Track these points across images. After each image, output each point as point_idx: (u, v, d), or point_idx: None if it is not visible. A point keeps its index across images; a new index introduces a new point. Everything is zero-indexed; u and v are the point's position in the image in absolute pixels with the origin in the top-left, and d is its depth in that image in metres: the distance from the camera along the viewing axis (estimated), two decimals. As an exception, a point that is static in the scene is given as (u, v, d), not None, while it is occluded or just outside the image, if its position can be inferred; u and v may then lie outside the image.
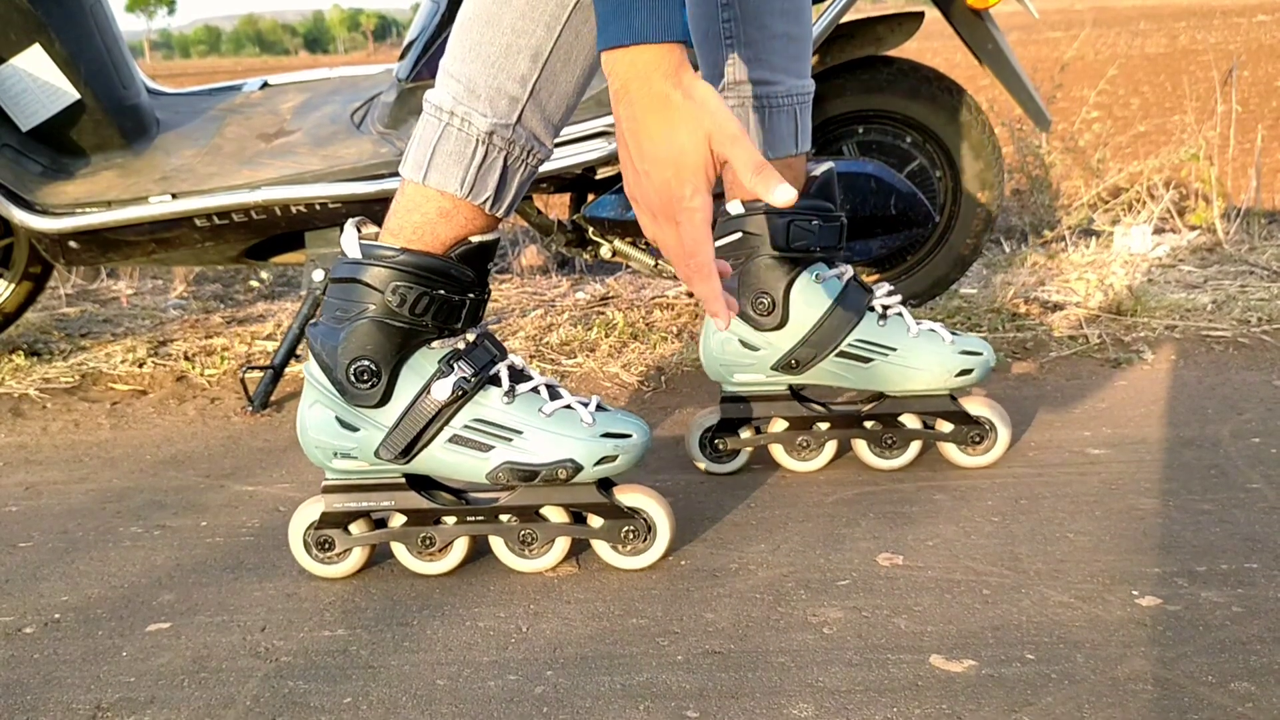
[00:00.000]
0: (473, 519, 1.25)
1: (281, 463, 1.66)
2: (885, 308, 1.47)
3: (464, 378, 1.19)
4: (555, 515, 1.25)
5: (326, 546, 1.27)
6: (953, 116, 2.02)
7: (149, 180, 1.97)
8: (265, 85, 2.33)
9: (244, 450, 1.73)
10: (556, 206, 3.23)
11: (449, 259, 1.17)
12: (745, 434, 1.51)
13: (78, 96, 2.00)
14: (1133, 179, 3.13)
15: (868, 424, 1.49)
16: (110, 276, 2.92)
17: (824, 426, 1.49)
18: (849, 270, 1.48)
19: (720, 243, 1.45)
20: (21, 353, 2.19)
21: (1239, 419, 1.63)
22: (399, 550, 1.28)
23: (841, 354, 1.45)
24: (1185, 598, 1.13)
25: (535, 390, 1.23)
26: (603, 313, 2.35)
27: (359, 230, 1.20)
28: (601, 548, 1.27)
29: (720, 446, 1.51)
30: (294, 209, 1.91)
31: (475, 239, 1.18)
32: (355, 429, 1.21)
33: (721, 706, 1.00)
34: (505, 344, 2.16)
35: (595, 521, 1.25)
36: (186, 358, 2.18)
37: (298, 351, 2.02)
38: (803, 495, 1.44)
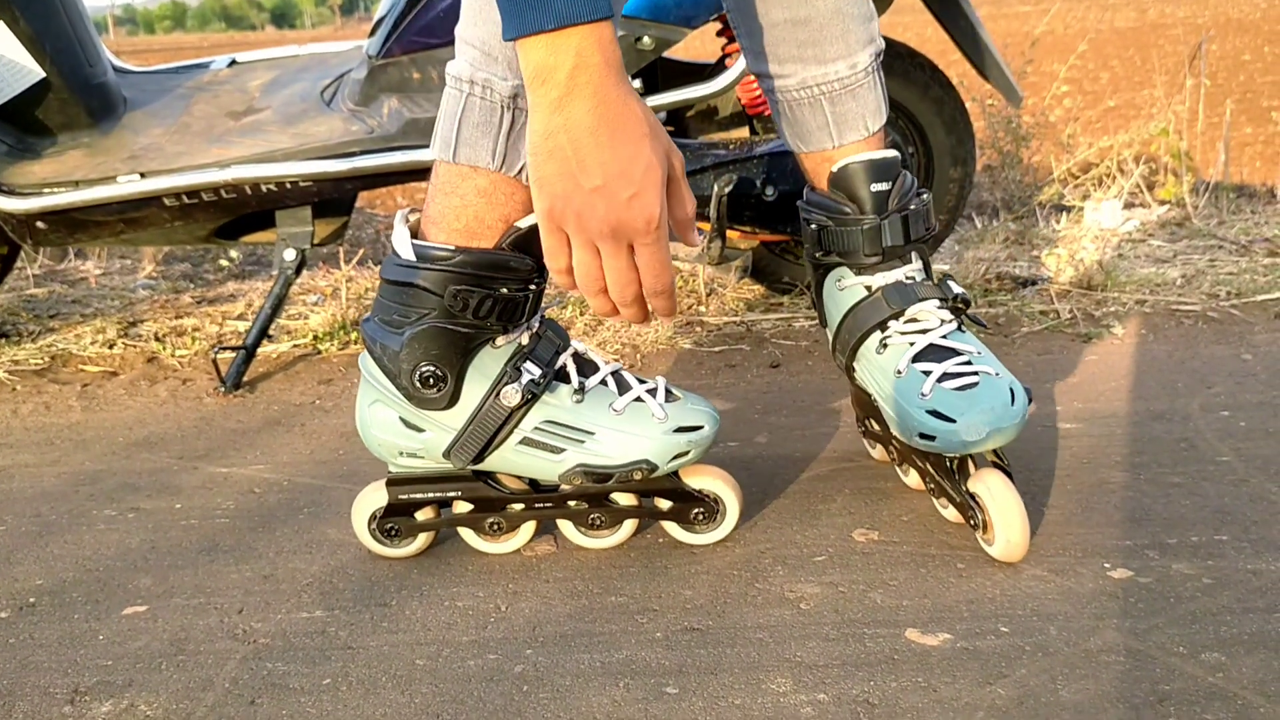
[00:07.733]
0: (540, 505, 1.23)
1: (255, 444, 1.66)
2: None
3: (533, 380, 1.15)
4: (623, 499, 1.24)
5: (393, 534, 1.25)
6: (925, 93, 2.03)
7: (117, 160, 1.95)
8: (234, 63, 2.31)
9: (217, 431, 1.72)
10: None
11: (504, 250, 1.11)
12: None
13: (43, 75, 1.97)
14: (1103, 154, 3.14)
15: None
16: (78, 256, 2.89)
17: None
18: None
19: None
20: (-11, 335, 2.16)
21: (1208, 392, 1.65)
22: (465, 533, 1.27)
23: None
24: (1156, 570, 1.15)
25: (603, 383, 1.20)
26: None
27: (408, 221, 1.14)
28: (666, 523, 1.27)
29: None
30: (264, 188, 1.90)
31: (523, 223, 1.12)
32: (421, 430, 1.18)
33: (700, 682, 1.00)
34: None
35: (663, 504, 1.24)
36: (157, 338, 2.16)
37: (270, 331, 2.01)
38: (778, 472, 1.45)
